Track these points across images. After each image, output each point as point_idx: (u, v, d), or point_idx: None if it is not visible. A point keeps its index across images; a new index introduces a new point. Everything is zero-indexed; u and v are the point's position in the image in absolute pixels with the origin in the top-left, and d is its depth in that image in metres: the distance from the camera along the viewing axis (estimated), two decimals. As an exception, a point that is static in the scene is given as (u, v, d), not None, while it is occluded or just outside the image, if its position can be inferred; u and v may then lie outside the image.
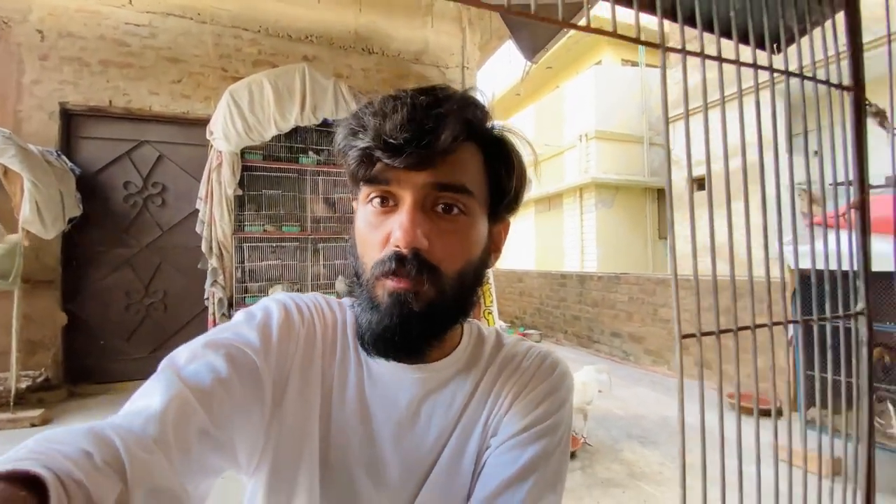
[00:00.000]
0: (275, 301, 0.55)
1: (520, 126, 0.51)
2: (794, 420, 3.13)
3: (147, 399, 0.40)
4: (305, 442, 0.50)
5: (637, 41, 0.55)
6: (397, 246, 0.46)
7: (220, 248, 3.60)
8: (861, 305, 0.67)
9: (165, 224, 3.97)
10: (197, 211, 3.66)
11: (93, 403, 3.46)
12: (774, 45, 0.62)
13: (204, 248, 3.58)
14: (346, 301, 0.59)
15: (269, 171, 3.79)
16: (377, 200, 0.48)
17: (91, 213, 3.66)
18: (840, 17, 0.64)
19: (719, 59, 0.51)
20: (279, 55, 4.22)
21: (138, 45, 3.82)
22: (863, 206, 0.63)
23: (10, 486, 0.27)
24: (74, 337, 3.72)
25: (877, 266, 1.19)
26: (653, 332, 4.65)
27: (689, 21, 0.59)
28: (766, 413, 3.02)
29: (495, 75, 11.32)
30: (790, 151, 0.92)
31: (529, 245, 11.53)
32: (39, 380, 3.47)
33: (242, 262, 3.70)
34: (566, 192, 9.94)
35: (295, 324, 0.53)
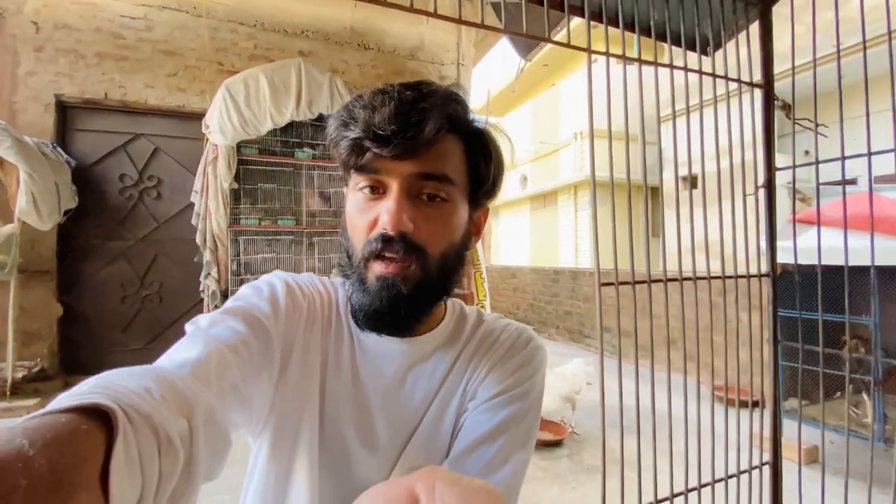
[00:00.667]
0: (276, 277, 0.59)
1: (516, 123, 0.56)
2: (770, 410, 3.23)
3: (187, 352, 0.42)
4: (306, 406, 0.55)
5: (567, 45, 0.61)
6: (385, 229, 0.50)
7: (214, 241, 3.63)
8: (766, 269, 0.74)
9: (161, 217, 4.00)
10: (192, 204, 3.69)
11: (88, 393, 3.50)
12: (707, 48, 0.68)
13: (199, 240, 3.62)
14: (338, 280, 0.64)
15: (264, 165, 3.82)
16: (366, 188, 0.52)
17: (86, 206, 3.68)
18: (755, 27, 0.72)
19: (639, 60, 0.56)
20: (275, 50, 4.24)
21: (134, 38, 3.84)
22: (769, 186, 0.70)
23: (77, 416, 0.28)
24: (70, 328, 3.75)
25: (853, 261, 1.25)
26: (641, 328, 4.73)
27: (629, 27, 0.65)
28: (746, 404, 3.10)
29: (491, 72, 11.35)
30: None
31: (524, 242, 11.61)
32: (35, 370, 3.50)
33: (238, 254, 3.73)
34: (561, 189, 10.01)
35: (298, 297, 0.58)
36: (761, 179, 0.86)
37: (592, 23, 0.66)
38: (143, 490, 0.30)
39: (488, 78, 11.07)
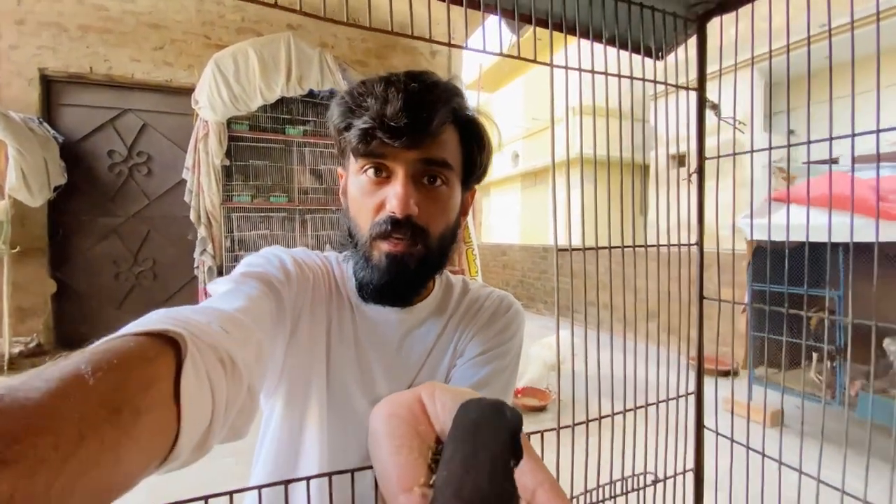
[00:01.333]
0: (280, 250, 0.64)
1: (508, 99, 0.62)
2: (743, 377, 3.41)
3: (228, 303, 0.44)
4: (314, 369, 0.61)
5: (534, 61, 0.68)
6: (393, 212, 0.54)
7: (208, 218, 3.66)
8: (695, 239, 0.84)
9: (152, 193, 3.99)
10: (184, 181, 3.69)
11: (87, 368, 3.56)
12: (660, 53, 0.77)
13: (192, 217, 3.64)
14: (331, 254, 0.70)
15: (255, 142, 3.81)
16: (372, 171, 0.56)
17: (76, 182, 3.67)
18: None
19: (592, 71, 0.64)
20: (263, 23, 4.17)
21: (118, 10, 3.75)
22: (700, 173, 0.78)
23: (146, 340, 0.30)
24: (64, 304, 3.78)
25: (815, 237, 1.34)
26: (626, 302, 4.87)
27: (586, 36, 0.74)
28: (723, 373, 3.28)
29: (483, 45, 11.15)
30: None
31: (515, 219, 11.68)
32: (31, 345, 3.55)
33: (231, 231, 3.76)
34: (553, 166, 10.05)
35: (304, 269, 0.63)
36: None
37: (558, 32, 0.75)
38: (213, 411, 0.33)
39: (479, 53, 10.89)
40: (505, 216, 12.05)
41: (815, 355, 2.56)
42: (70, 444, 0.22)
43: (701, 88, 0.87)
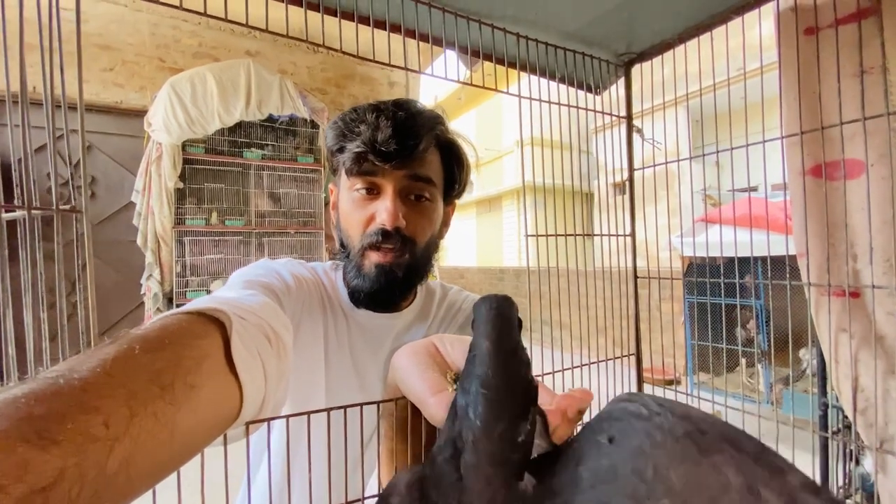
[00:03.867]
0: (271, 262, 0.67)
1: (462, 130, 0.73)
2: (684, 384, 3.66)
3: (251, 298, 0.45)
4: (314, 375, 0.65)
5: (493, 89, 0.83)
6: (383, 224, 0.60)
7: (157, 242, 3.53)
8: (629, 230, 1.00)
9: (95, 217, 3.79)
10: (131, 204, 3.55)
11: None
12: (596, 90, 0.96)
13: (139, 241, 3.49)
14: (318, 265, 0.75)
15: (211, 165, 3.76)
16: (363, 189, 0.62)
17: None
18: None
19: (539, 99, 0.80)
20: (221, 48, 4.18)
21: (66, 31, 3.63)
22: (630, 182, 0.95)
23: (197, 317, 0.32)
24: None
25: (745, 252, 1.55)
26: (577, 320, 5.10)
27: (535, 72, 0.90)
28: (663, 382, 3.50)
29: (437, 79, 11.56)
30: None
31: (471, 243, 11.95)
32: (-53, 384, 3.21)
33: (183, 255, 3.64)
34: (505, 194, 10.46)
35: (298, 279, 0.67)
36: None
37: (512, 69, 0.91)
38: (266, 384, 0.35)
39: (437, 83, 11.32)
40: (461, 241, 12.30)
41: (743, 361, 2.83)
42: (121, 422, 0.22)
43: (629, 117, 1.07)
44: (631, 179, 1.05)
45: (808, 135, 0.81)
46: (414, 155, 0.60)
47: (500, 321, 0.29)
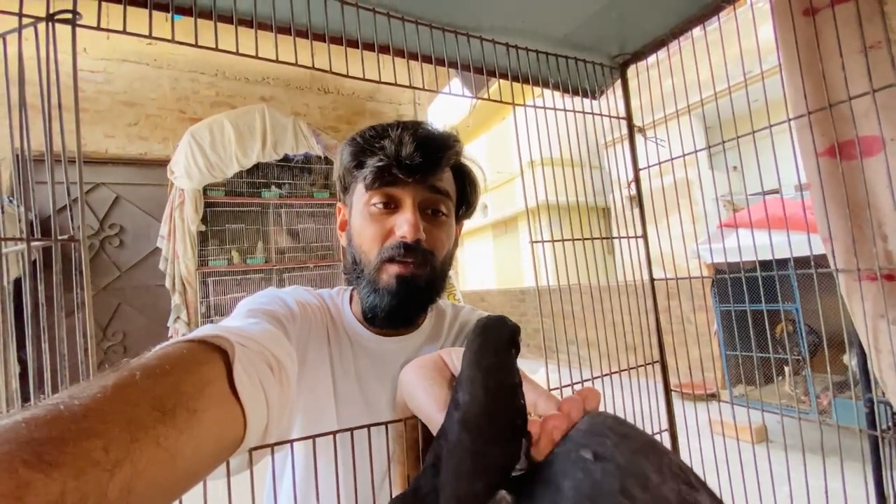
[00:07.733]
0: (276, 290, 0.67)
1: (473, 154, 0.74)
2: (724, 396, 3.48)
3: (257, 326, 0.45)
4: (325, 405, 0.63)
5: (500, 101, 0.83)
6: (404, 236, 0.59)
7: (183, 284, 3.62)
8: (640, 232, 0.97)
9: (124, 265, 3.93)
10: (157, 249, 3.68)
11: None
12: (595, 94, 0.95)
13: (167, 284, 3.59)
14: (323, 291, 0.74)
15: (231, 207, 3.88)
16: (381, 203, 0.61)
17: (44, 259, 3.59)
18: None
19: (544, 107, 0.80)
20: (237, 96, 4.39)
21: (93, 91, 3.88)
22: (638, 185, 0.93)
23: (199, 345, 0.32)
24: (28, 385, 3.56)
25: (770, 255, 1.50)
26: (603, 337, 4.97)
27: (536, 82, 0.91)
28: (702, 397, 3.35)
29: (445, 107, 11.86)
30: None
31: (489, 266, 11.90)
32: (-13, 436, 3.29)
33: (207, 296, 3.72)
34: (520, 215, 10.46)
35: (303, 306, 0.65)
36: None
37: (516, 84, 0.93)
38: (268, 413, 0.35)
39: (445, 112, 11.59)
40: (479, 264, 12.26)
41: (786, 369, 2.69)
42: (122, 446, 0.23)
43: (629, 117, 1.07)
44: (637, 179, 1.03)
45: (819, 115, 0.78)
46: (437, 169, 0.60)
47: (484, 347, 0.29)
